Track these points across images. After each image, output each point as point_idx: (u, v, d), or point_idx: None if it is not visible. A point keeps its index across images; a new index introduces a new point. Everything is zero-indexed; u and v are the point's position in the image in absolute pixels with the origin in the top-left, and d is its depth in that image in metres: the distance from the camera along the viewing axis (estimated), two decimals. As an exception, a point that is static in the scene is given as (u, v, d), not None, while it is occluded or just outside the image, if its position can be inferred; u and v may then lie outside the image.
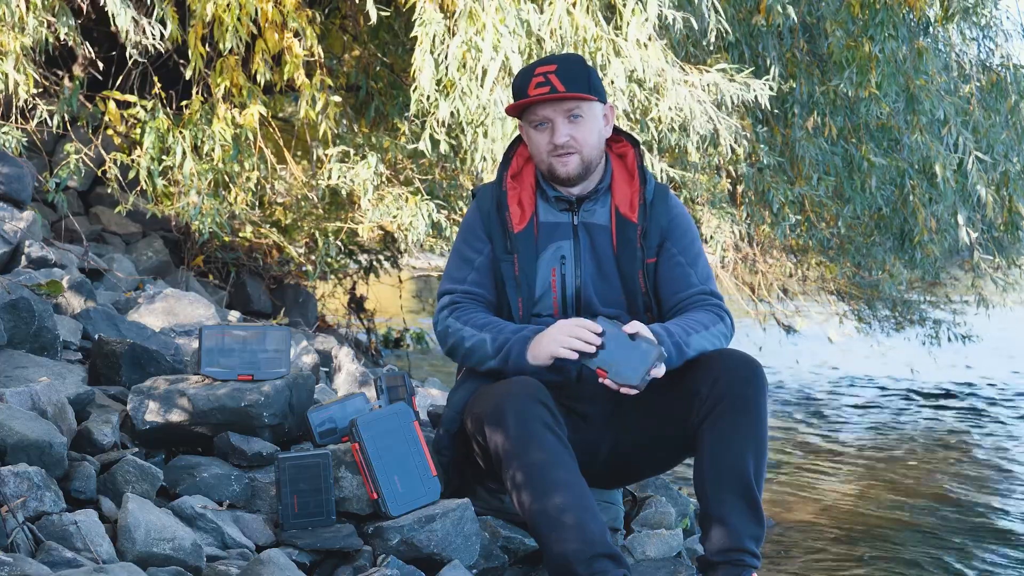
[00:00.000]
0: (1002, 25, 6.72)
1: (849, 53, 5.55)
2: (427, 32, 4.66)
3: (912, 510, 5.56)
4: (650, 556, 2.99)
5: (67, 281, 3.98)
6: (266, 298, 6.68)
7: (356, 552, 2.68)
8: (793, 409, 8.56)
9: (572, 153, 2.92)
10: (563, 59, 2.98)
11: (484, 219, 3.00)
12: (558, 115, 2.91)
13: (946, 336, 9.41)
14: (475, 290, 2.96)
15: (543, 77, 2.90)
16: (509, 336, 2.84)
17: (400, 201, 5.66)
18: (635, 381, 2.68)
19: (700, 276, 2.98)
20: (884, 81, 5.53)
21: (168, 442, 2.99)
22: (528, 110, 2.94)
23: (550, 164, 2.95)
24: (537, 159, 2.98)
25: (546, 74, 2.90)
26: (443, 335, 2.95)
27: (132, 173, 5.23)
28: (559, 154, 2.92)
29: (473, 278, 2.97)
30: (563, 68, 2.91)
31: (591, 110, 2.94)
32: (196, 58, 5.05)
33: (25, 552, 2.31)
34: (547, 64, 2.94)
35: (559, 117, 2.91)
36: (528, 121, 2.96)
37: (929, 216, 6.23)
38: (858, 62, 5.52)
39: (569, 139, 2.91)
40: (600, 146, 2.98)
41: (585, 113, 2.92)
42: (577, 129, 2.92)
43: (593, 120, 2.94)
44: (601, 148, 2.99)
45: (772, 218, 6.16)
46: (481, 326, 2.88)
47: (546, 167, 2.96)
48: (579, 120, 2.92)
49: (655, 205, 2.99)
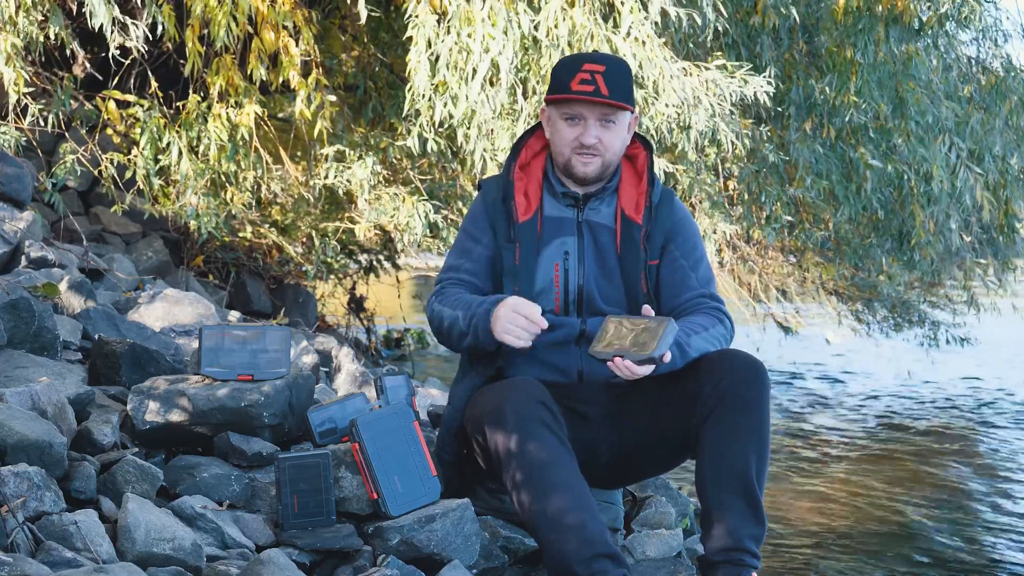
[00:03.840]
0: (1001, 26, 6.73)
1: (831, 59, 5.56)
2: (422, 34, 4.66)
3: (911, 510, 5.56)
4: (650, 556, 2.99)
5: (67, 281, 3.97)
6: (266, 298, 6.68)
7: (356, 552, 2.68)
8: (792, 409, 8.56)
9: (596, 156, 2.92)
10: (612, 61, 2.95)
11: (488, 210, 3.00)
12: (593, 116, 2.90)
13: (944, 338, 9.43)
14: (467, 277, 2.97)
15: (589, 75, 2.88)
16: (475, 310, 2.83)
17: (397, 201, 5.66)
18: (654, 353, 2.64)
19: (701, 279, 2.98)
20: (865, 87, 5.53)
21: (168, 442, 2.99)
22: (564, 102, 2.93)
23: (571, 160, 2.94)
24: (557, 151, 2.97)
25: (593, 73, 2.88)
26: (430, 320, 2.97)
27: (129, 173, 5.23)
28: (583, 153, 2.92)
29: (467, 267, 2.98)
30: (611, 72, 2.89)
31: (623, 118, 2.94)
32: (194, 56, 5.05)
33: (25, 552, 2.31)
34: (595, 63, 2.91)
35: (593, 118, 2.90)
36: (560, 112, 2.94)
37: (927, 218, 6.24)
38: (839, 67, 5.53)
39: (597, 142, 2.91)
40: (621, 152, 2.99)
41: (618, 120, 2.92)
42: (606, 133, 2.91)
43: (623, 128, 2.95)
44: (621, 154, 3.00)
45: (766, 219, 6.17)
46: (455, 304, 2.88)
47: (565, 161, 2.95)
48: (611, 126, 2.92)
49: (660, 208, 2.99)
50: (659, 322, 2.67)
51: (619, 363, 2.67)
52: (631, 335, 2.68)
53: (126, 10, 4.98)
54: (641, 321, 2.70)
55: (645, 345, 2.65)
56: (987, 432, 7.82)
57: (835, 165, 5.98)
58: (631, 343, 2.67)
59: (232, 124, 5.24)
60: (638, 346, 2.65)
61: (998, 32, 6.71)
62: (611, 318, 2.75)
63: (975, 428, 7.96)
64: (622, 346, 2.67)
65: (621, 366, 2.67)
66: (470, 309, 2.84)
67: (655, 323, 2.67)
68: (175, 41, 5.11)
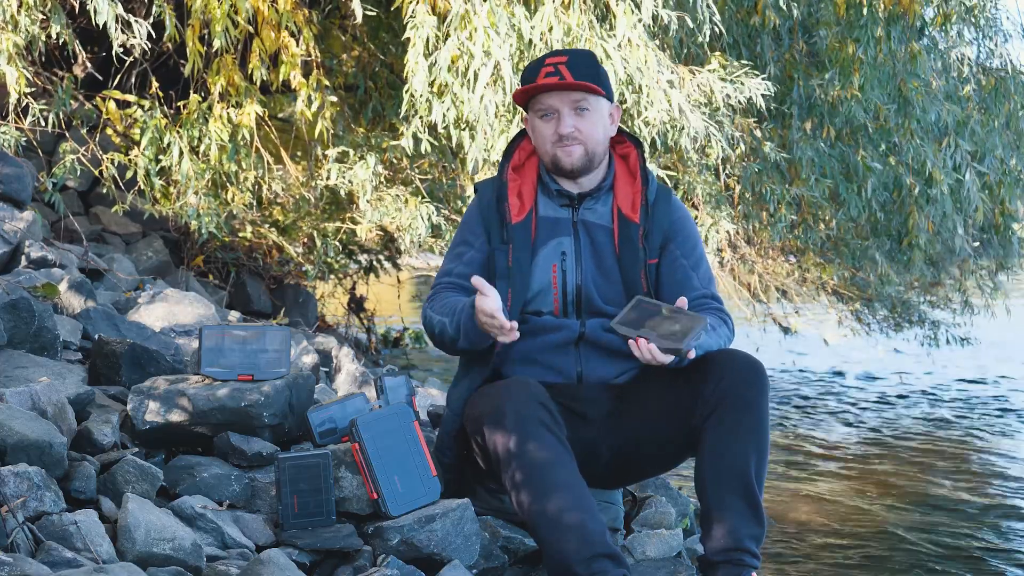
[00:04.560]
0: (1001, 26, 6.72)
1: (833, 54, 5.55)
2: (420, 35, 4.66)
3: (911, 510, 5.56)
4: (650, 556, 2.99)
5: (67, 281, 3.97)
6: (266, 298, 6.68)
7: (356, 552, 2.68)
8: (791, 410, 8.56)
9: (577, 143, 2.93)
10: (574, 52, 3.00)
11: (482, 213, 3.01)
12: (564, 105, 2.91)
13: (944, 338, 9.43)
14: (457, 282, 2.97)
15: (552, 67, 2.91)
16: (459, 315, 2.85)
17: (399, 202, 5.66)
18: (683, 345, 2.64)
19: (702, 279, 2.98)
20: (867, 83, 5.53)
21: (168, 442, 2.99)
22: (535, 99, 2.95)
23: (554, 155, 2.95)
24: (541, 150, 2.98)
25: (556, 64, 2.91)
26: (425, 328, 2.99)
27: (129, 173, 5.23)
28: (563, 144, 2.93)
29: (459, 270, 2.98)
30: (573, 60, 2.93)
31: (598, 104, 2.94)
32: (194, 56, 5.05)
33: (25, 552, 2.31)
34: (558, 56, 2.95)
35: (565, 107, 2.92)
36: (535, 111, 2.96)
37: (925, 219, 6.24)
38: (841, 63, 5.52)
39: (574, 130, 2.92)
40: (604, 142, 2.99)
41: (592, 106, 2.93)
42: (582, 121, 2.92)
43: (599, 114, 2.95)
44: (605, 144, 3.00)
45: (769, 218, 6.16)
46: (442, 310, 2.90)
47: (550, 157, 2.96)
48: (585, 113, 2.93)
49: (657, 206, 2.99)
50: (693, 318, 2.67)
51: (642, 344, 2.67)
52: (657, 319, 2.68)
53: (128, 8, 4.97)
54: (672, 310, 2.70)
55: (672, 333, 2.65)
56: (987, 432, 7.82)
57: (837, 164, 5.98)
58: (656, 328, 2.66)
59: (233, 124, 5.24)
60: (663, 333, 2.65)
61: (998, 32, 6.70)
62: (641, 299, 2.75)
63: (975, 428, 7.96)
64: (645, 328, 2.67)
65: (644, 348, 2.67)
66: (455, 314, 2.86)
67: (688, 318, 2.67)
68: (175, 41, 5.11)
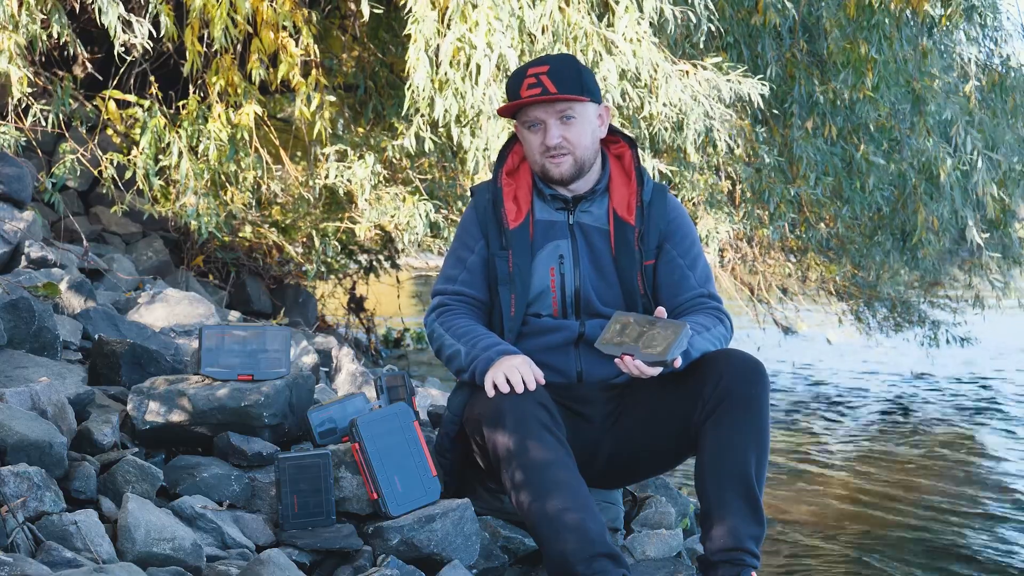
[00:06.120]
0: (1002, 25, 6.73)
1: (845, 55, 5.54)
2: (421, 30, 4.66)
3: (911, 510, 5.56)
4: (650, 556, 2.99)
5: (67, 281, 3.97)
6: (266, 298, 6.68)
7: (356, 552, 2.68)
8: (792, 410, 8.56)
9: (565, 154, 2.92)
10: (555, 60, 2.97)
11: (480, 216, 3.00)
12: (550, 116, 2.91)
13: (945, 338, 9.43)
14: (465, 290, 2.96)
15: (535, 78, 2.89)
16: (479, 353, 2.83)
17: (398, 201, 5.65)
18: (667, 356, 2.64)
19: (699, 279, 2.98)
20: (881, 83, 5.53)
21: (168, 442, 2.99)
22: (521, 111, 2.94)
23: (543, 165, 2.95)
24: (531, 160, 2.99)
25: (538, 75, 2.90)
26: (430, 338, 2.98)
27: (129, 173, 5.23)
28: (552, 155, 2.92)
29: (464, 278, 2.98)
30: (555, 69, 2.90)
31: (584, 111, 2.93)
32: (193, 56, 5.05)
33: (25, 552, 2.31)
34: (539, 65, 2.93)
35: (551, 118, 2.91)
36: (521, 122, 2.96)
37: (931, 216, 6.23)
38: (854, 64, 5.52)
39: (561, 140, 2.91)
40: (594, 146, 2.98)
41: (578, 114, 2.92)
42: (569, 130, 2.92)
43: (586, 121, 2.94)
44: (595, 148, 2.99)
45: (769, 217, 6.16)
46: (459, 336, 2.88)
47: (540, 168, 2.96)
48: (572, 121, 2.91)
49: (653, 206, 2.99)
50: (674, 326, 2.66)
51: (628, 361, 2.67)
52: (638, 334, 2.68)
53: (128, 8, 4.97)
54: (652, 321, 2.69)
55: (655, 346, 2.65)
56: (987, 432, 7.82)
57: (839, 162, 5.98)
58: (639, 342, 2.66)
59: (232, 124, 5.24)
60: (646, 346, 2.65)
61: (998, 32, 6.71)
62: (619, 314, 2.74)
63: (976, 428, 7.96)
64: (629, 344, 2.67)
65: (631, 365, 2.67)
66: (474, 349, 2.83)
67: (669, 327, 2.67)
68: (175, 41, 5.11)
